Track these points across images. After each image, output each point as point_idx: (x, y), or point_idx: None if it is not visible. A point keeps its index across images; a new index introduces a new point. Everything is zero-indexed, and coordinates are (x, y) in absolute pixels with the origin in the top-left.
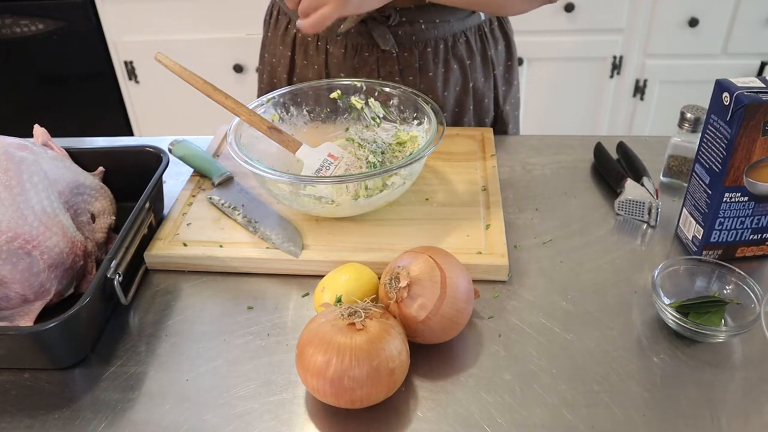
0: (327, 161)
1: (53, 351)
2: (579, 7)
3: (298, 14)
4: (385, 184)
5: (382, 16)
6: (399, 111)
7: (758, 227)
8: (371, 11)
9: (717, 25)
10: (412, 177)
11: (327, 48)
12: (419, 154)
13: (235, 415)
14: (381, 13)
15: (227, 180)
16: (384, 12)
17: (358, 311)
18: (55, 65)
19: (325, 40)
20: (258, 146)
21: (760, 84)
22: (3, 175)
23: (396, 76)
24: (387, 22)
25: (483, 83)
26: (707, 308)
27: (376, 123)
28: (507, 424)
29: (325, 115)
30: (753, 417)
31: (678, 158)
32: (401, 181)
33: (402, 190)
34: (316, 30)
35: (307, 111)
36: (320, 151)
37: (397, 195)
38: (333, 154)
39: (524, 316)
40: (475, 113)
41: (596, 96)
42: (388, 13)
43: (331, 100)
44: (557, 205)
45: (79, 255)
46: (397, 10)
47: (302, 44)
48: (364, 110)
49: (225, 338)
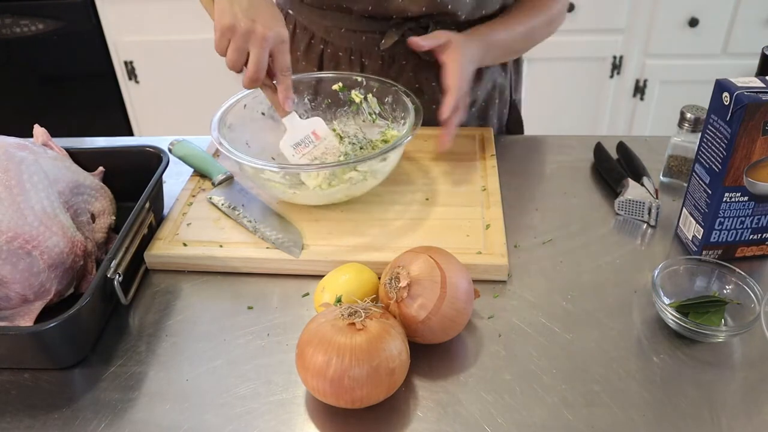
0: (309, 138)
1: (53, 351)
2: (579, 7)
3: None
4: (342, 178)
5: (420, 28)
6: (392, 109)
7: (758, 227)
8: (411, 24)
9: (717, 25)
10: (376, 175)
11: (363, 61)
12: (376, 153)
13: (235, 415)
14: (419, 25)
15: (227, 180)
16: (422, 24)
17: (358, 311)
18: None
19: (359, 54)
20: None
21: (760, 84)
22: (3, 175)
23: (433, 82)
24: (426, 33)
25: (503, 77)
26: (707, 308)
27: (372, 119)
28: (507, 424)
29: (326, 105)
30: (753, 417)
31: (678, 158)
32: (360, 177)
33: (365, 187)
34: (257, 78)
35: (309, 100)
36: (307, 125)
37: (358, 191)
38: (317, 133)
39: (524, 316)
40: (498, 106)
41: (596, 96)
42: (426, 24)
43: (333, 91)
44: (557, 205)
45: (79, 255)
46: (434, 21)
47: (332, 60)
48: (362, 105)
49: (225, 338)
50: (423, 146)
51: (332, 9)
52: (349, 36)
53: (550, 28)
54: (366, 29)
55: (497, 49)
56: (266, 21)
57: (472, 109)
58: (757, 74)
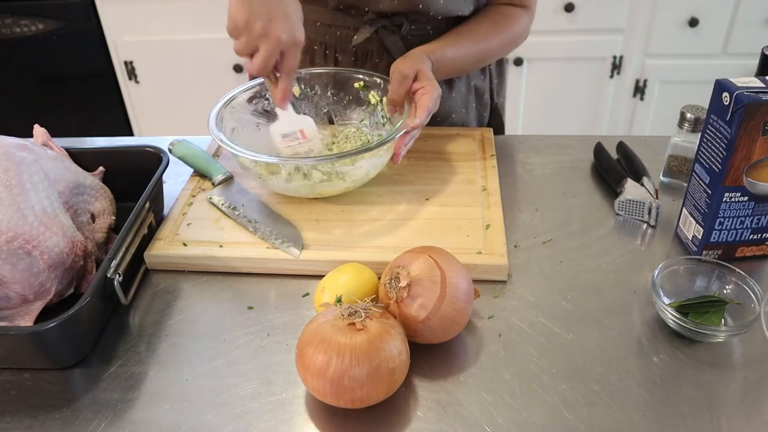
0: (295, 134)
1: (53, 351)
2: (579, 7)
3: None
4: (309, 176)
5: (393, 26)
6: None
7: (758, 227)
8: (385, 22)
9: (717, 25)
10: (344, 177)
11: (336, 56)
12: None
13: (235, 415)
14: (393, 23)
15: (227, 180)
16: (396, 21)
17: (358, 311)
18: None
19: (333, 49)
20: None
21: (760, 84)
22: (3, 175)
23: None
24: (399, 32)
25: (482, 80)
26: (707, 308)
27: (383, 123)
28: (507, 424)
29: (347, 102)
30: (753, 417)
31: (678, 158)
32: (321, 177)
33: (332, 187)
34: (261, 73)
35: (332, 93)
36: (297, 121)
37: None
38: (304, 132)
39: (524, 316)
40: (477, 110)
41: (596, 96)
42: (399, 22)
43: (356, 89)
44: (557, 205)
45: (79, 255)
46: (408, 20)
47: (307, 53)
48: (377, 107)
49: (225, 338)
50: (423, 146)
51: (308, 2)
52: (324, 30)
53: (510, 47)
54: (340, 24)
55: (444, 69)
56: (284, 20)
57: (453, 116)
58: (757, 74)
